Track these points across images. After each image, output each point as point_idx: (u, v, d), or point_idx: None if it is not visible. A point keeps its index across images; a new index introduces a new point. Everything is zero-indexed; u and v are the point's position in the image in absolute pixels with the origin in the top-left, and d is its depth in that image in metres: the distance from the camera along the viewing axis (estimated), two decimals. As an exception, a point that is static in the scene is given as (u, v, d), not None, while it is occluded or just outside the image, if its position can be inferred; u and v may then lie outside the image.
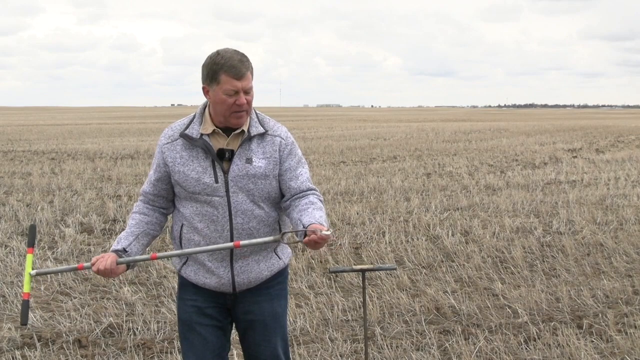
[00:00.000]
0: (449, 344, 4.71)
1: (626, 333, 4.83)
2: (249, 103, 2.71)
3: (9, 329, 5.00)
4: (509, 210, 9.85)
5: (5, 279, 6.36)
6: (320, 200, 2.78)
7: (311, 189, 2.80)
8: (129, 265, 2.75)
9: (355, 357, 4.56)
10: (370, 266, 3.64)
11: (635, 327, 4.96)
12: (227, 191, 2.71)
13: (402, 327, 5.09)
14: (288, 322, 5.11)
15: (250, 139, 2.75)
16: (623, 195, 11.19)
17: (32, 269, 2.77)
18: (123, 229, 9.17)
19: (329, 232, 2.51)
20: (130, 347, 4.70)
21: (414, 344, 4.74)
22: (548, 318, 5.22)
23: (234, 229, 2.73)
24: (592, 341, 4.73)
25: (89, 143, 26.17)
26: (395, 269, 3.58)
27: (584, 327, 5.00)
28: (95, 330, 5.00)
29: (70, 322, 5.17)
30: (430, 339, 4.79)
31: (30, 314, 5.27)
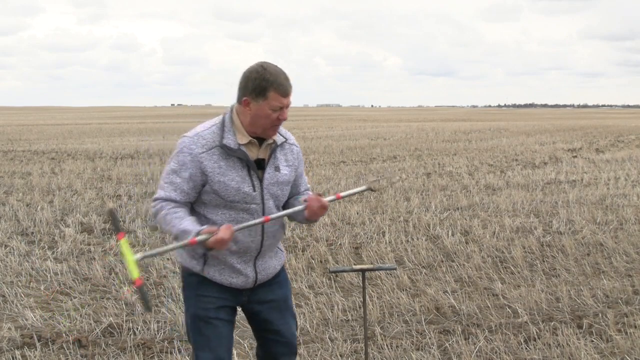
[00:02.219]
0: (449, 344, 4.71)
1: (626, 333, 4.83)
2: (286, 116, 2.91)
3: (9, 329, 5.00)
4: (509, 210, 9.85)
5: (5, 279, 6.36)
6: None
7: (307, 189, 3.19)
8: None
9: (355, 357, 4.56)
10: (370, 266, 3.64)
11: (635, 327, 4.96)
12: (262, 198, 2.90)
13: (402, 327, 5.09)
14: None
15: (276, 148, 2.94)
16: (623, 195, 11.19)
17: (133, 254, 2.72)
18: (123, 229, 9.12)
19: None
20: (130, 347, 4.69)
21: (414, 344, 4.74)
22: (548, 318, 5.22)
23: (264, 233, 2.95)
24: (592, 341, 4.73)
25: (89, 143, 26.18)
26: (395, 269, 3.58)
27: (584, 327, 5.00)
28: (95, 330, 4.99)
29: (70, 322, 5.17)
30: (430, 339, 4.79)
31: (30, 314, 5.28)
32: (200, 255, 2.93)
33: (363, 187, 3.03)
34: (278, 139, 2.95)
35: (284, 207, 3.05)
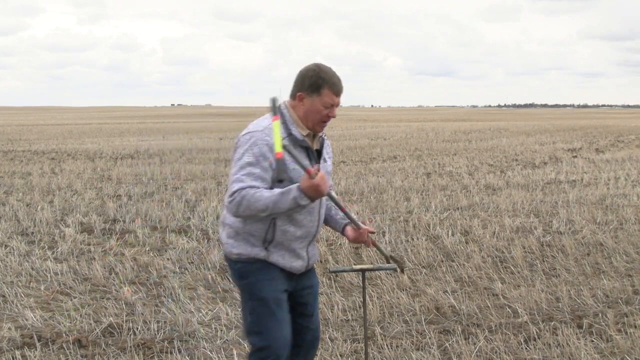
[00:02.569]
0: (449, 344, 4.71)
1: (626, 333, 4.83)
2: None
3: (9, 329, 5.00)
4: (509, 210, 9.85)
5: (5, 279, 6.36)
6: None
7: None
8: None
9: (355, 357, 4.56)
10: (370, 266, 3.64)
11: (635, 327, 4.96)
12: None
13: (402, 327, 5.09)
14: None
15: (324, 141, 3.24)
16: (623, 195, 11.19)
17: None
18: (123, 229, 9.06)
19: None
20: (130, 347, 4.69)
21: (414, 344, 4.74)
22: (548, 318, 5.22)
23: (320, 219, 3.23)
24: (592, 341, 4.73)
25: (89, 143, 26.18)
26: (395, 269, 3.58)
27: (584, 327, 5.00)
28: (95, 330, 4.99)
29: (70, 322, 5.17)
30: (430, 338, 4.79)
31: (30, 314, 5.27)
32: (261, 243, 3.10)
33: (389, 253, 3.52)
34: (322, 133, 3.22)
35: None
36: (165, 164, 17.24)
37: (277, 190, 2.92)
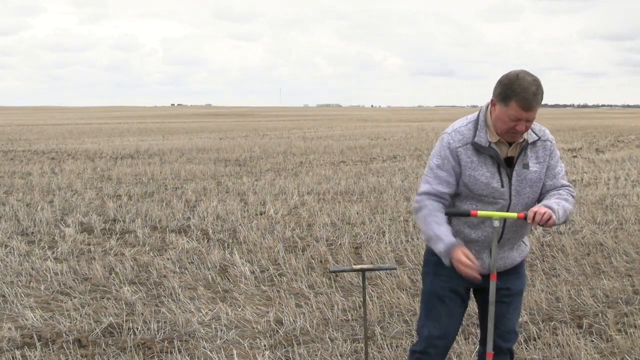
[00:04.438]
0: (449, 344, 4.70)
1: (626, 333, 4.83)
2: (527, 128, 2.96)
3: (9, 329, 5.00)
4: (509, 210, 9.84)
5: (5, 279, 6.36)
6: (572, 195, 3.14)
7: (565, 185, 3.16)
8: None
9: (355, 357, 4.56)
10: (370, 266, 3.64)
11: (635, 326, 4.96)
12: (510, 195, 3.05)
13: (402, 326, 5.09)
14: (288, 322, 5.13)
15: (526, 146, 3.05)
16: (623, 195, 11.19)
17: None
18: (123, 229, 9.04)
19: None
20: (130, 347, 4.69)
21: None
22: (548, 318, 5.22)
23: (505, 229, 3.10)
24: (592, 341, 4.73)
25: (89, 143, 26.18)
26: (395, 268, 3.59)
27: (584, 327, 5.00)
28: (95, 330, 4.99)
29: (70, 322, 5.17)
30: (430, 338, 4.78)
31: (30, 314, 5.27)
32: None
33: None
34: (530, 137, 3.05)
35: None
36: (165, 164, 17.24)
37: (443, 229, 2.98)
